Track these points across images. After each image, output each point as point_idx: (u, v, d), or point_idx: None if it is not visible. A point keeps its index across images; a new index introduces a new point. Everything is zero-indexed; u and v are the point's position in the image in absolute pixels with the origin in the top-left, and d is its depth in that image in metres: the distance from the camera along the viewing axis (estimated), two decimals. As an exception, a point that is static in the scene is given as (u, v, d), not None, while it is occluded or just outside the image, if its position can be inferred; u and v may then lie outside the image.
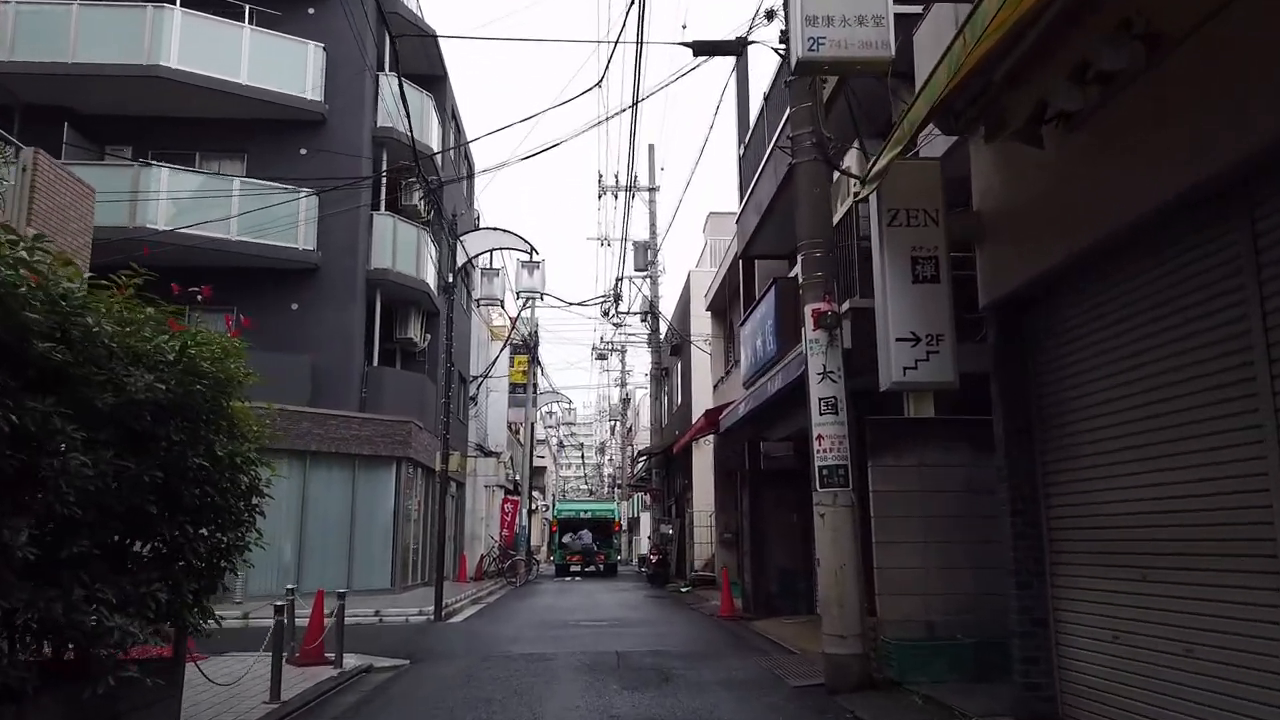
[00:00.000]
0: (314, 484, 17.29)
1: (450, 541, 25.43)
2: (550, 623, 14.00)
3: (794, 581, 14.80)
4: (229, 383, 5.65)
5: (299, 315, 18.31)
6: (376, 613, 14.86)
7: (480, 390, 28.63)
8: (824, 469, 8.09)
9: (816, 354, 8.19)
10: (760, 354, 12.99)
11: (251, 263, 17.89)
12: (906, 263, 6.59)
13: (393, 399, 19.11)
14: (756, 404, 12.06)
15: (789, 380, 10.12)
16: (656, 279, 28.38)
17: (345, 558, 17.52)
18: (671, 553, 26.02)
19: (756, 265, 15.98)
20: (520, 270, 15.29)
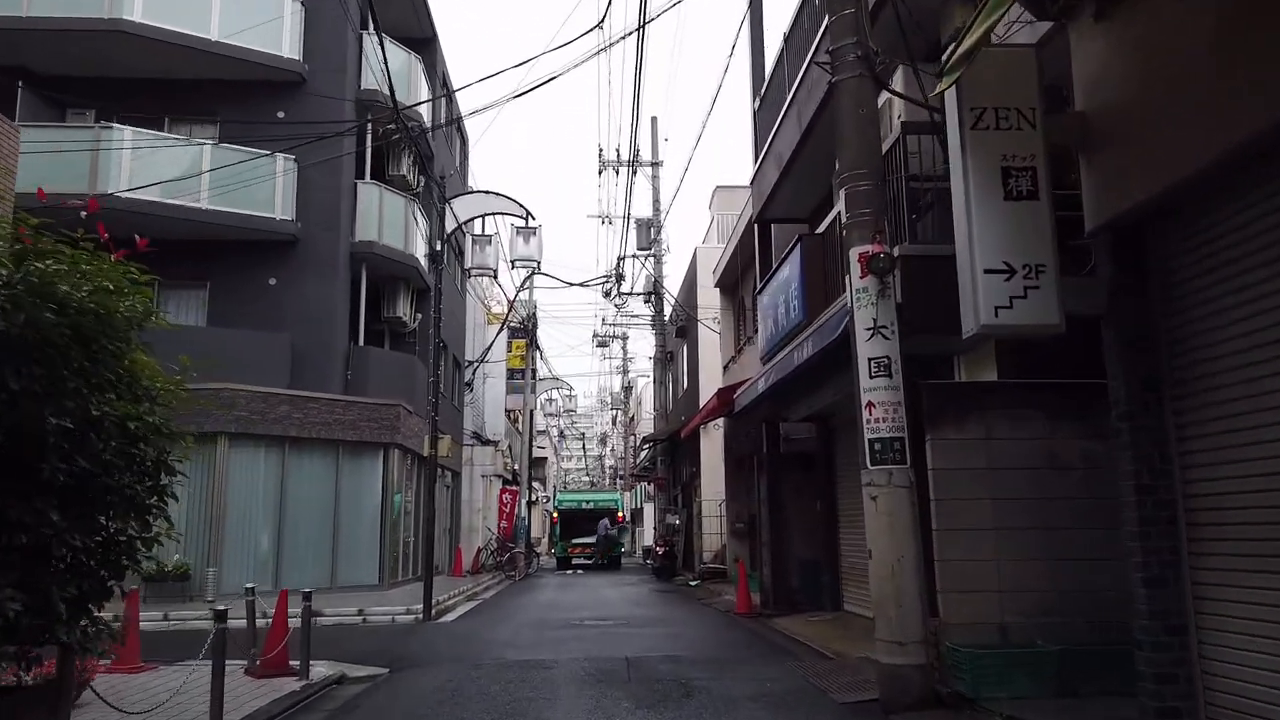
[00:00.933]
0: (294, 472, 15.96)
1: (445, 534, 24.15)
2: (551, 622, 12.69)
3: (817, 575, 13.50)
4: (118, 322, 4.27)
5: (277, 291, 16.96)
6: (360, 612, 13.56)
7: (476, 376, 27.29)
8: (875, 443, 6.75)
9: (865, 306, 6.84)
10: (783, 323, 11.64)
11: (225, 234, 16.54)
12: (996, 175, 5.23)
13: (380, 381, 17.78)
14: (779, 377, 10.74)
15: (822, 345, 8.78)
16: (661, 257, 27.02)
17: (328, 552, 16.21)
18: (678, 544, 24.72)
19: (774, 231, 14.61)
20: (515, 237, 13.93)
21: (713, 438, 23.24)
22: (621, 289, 27.63)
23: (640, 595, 18.25)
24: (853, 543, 12.75)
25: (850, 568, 12.82)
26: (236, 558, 15.06)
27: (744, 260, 17.75)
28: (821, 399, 11.71)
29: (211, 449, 14.99)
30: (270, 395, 15.61)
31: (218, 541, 14.73)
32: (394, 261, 18.51)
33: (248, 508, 15.32)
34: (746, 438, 18.54)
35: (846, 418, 12.80)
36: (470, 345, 27.61)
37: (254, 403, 15.38)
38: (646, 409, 53.76)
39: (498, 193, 14.29)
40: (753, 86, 14.57)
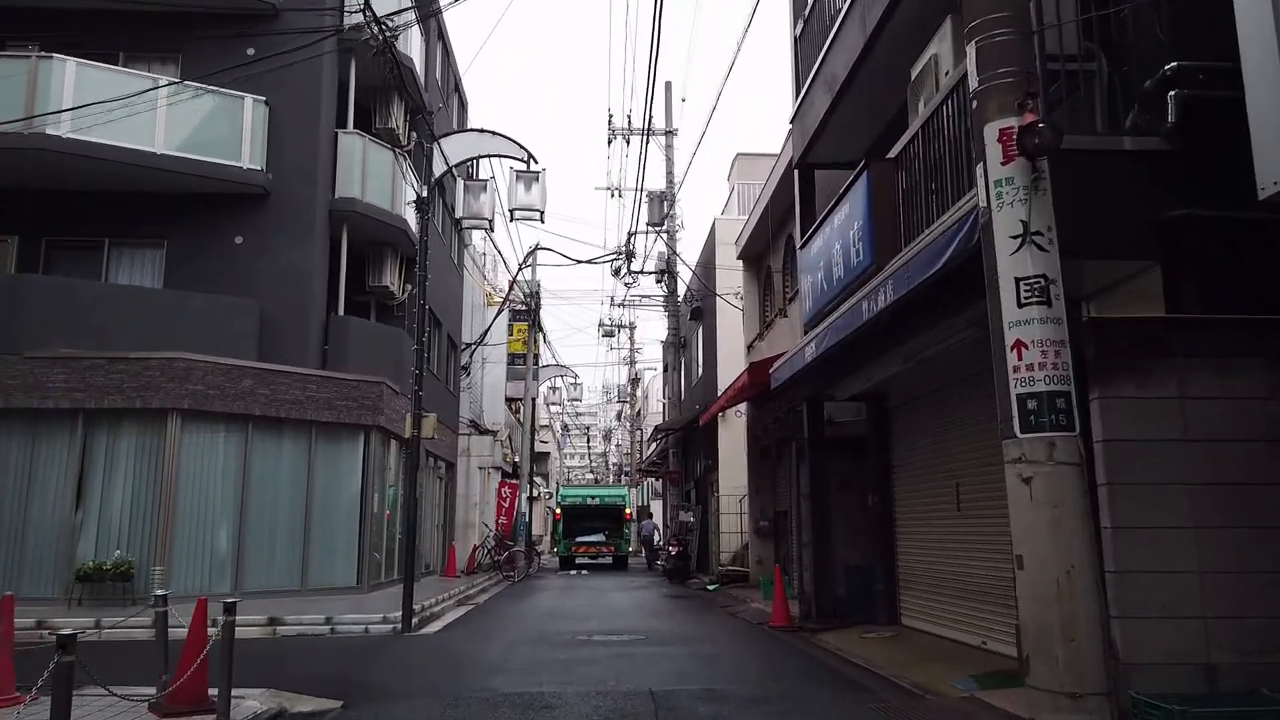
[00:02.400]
0: (259, 456, 13.87)
1: (438, 530, 22.09)
2: (553, 636, 10.60)
3: (868, 582, 11.41)
4: None
5: (244, 251, 14.88)
6: (328, 620, 11.48)
7: (475, 360, 25.23)
8: (1028, 400, 4.65)
9: (1010, 204, 4.75)
10: (838, 275, 9.54)
11: (185, 185, 14.46)
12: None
13: (362, 356, 15.69)
14: (835, 340, 8.63)
15: (915, 283, 6.66)
16: (675, 233, 24.95)
17: (299, 549, 14.12)
18: (692, 544, 22.63)
19: (817, 179, 12.50)
20: (515, 184, 11.85)
21: (732, 427, 21.16)
22: (631, 267, 25.51)
23: (654, 601, 16.16)
24: (914, 544, 10.67)
25: (910, 573, 10.73)
26: (189, 556, 12.98)
27: (776, 222, 15.65)
28: (884, 368, 9.61)
29: (159, 428, 12.92)
30: (232, 368, 13.53)
31: (166, 536, 12.65)
32: (379, 223, 16.42)
33: (203, 497, 13.23)
34: (775, 424, 16.47)
35: (906, 396, 10.73)
36: (468, 327, 25.58)
37: (212, 375, 13.30)
38: (654, 403, 51.71)
39: (494, 131, 12.21)
40: (793, 8, 12.46)
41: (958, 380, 9.10)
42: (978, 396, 8.71)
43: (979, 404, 8.69)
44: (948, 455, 9.60)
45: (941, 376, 9.31)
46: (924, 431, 10.28)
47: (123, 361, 12.86)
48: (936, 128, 7.68)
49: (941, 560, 9.76)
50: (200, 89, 14.47)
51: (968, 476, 9.10)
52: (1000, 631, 8.37)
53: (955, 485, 9.33)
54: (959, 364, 8.75)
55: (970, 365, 8.61)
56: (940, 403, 9.71)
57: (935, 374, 9.33)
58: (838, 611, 11.51)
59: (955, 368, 8.87)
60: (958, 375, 8.99)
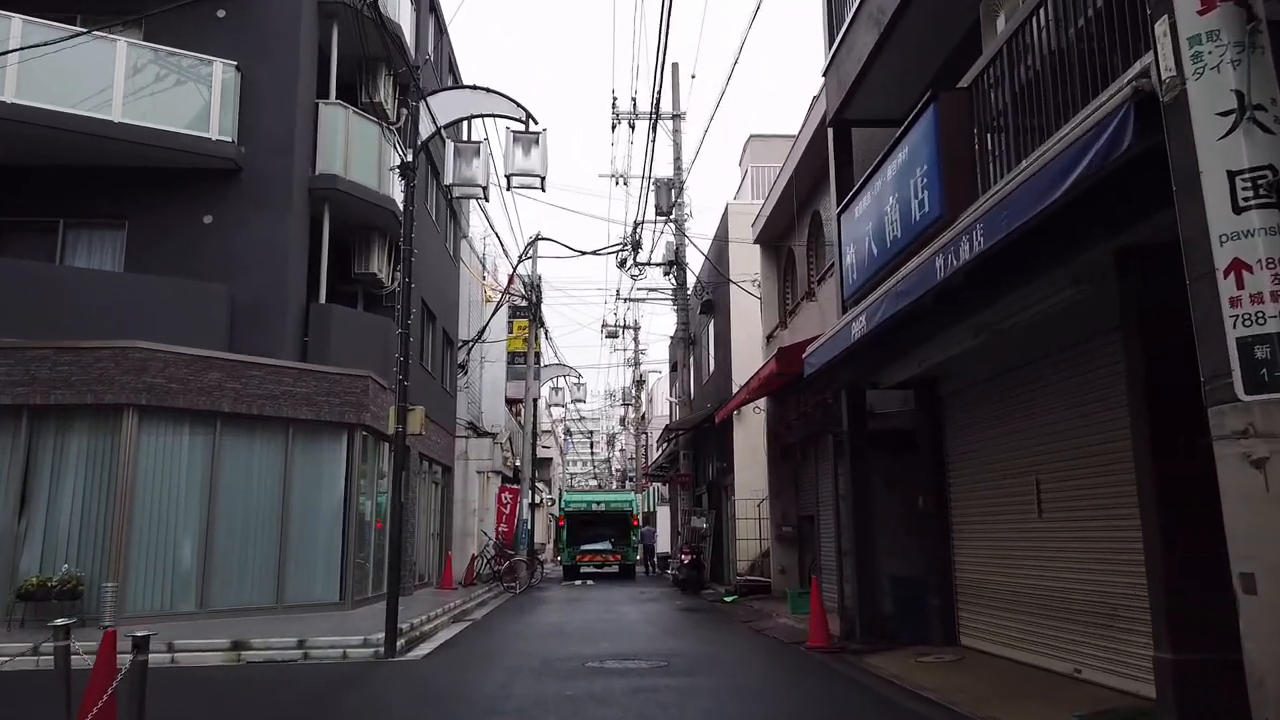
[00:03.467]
0: (228, 457, 12.42)
1: (434, 538, 20.64)
2: (559, 662, 9.13)
3: (918, 595, 9.94)
4: None
5: (214, 231, 13.47)
6: (301, 643, 10.00)
7: (471, 356, 23.80)
8: (1257, 345, 3.20)
9: (1212, 69, 3.32)
10: (895, 236, 8.10)
11: (148, 158, 13.07)
12: None
13: (347, 347, 14.26)
14: (895, 309, 7.16)
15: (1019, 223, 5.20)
16: (683, 222, 23.52)
17: (274, 562, 12.65)
18: (706, 552, 21.15)
19: (855, 144, 11.07)
20: (513, 147, 10.44)
21: (749, 426, 19.70)
22: (638, 258, 24.09)
23: (669, 616, 14.68)
24: (977, 552, 9.20)
25: (972, 586, 9.27)
26: (147, 570, 11.52)
27: (801, 197, 14.21)
28: (946, 346, 8.16)
29: (114, 426, 11.47)
30: (196, 359, 12.08)
31: (120, 548, 11.18)
32: (365, 203, 15.00)
33: (164, 504, 11.78)
34: (799, 420, 15.01)
35: (966, 380, 9.27)
36: (465, 324, 24.15)
37: (174, 367, 11.86)
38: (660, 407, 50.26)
39: (488, 88, 10.78)
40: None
41: (1041, 357, 7.66)
42: (1073, 375, 7.27)
43: (1074, 384, 7.25)
44: (1024, 448, 8.14)
45: (1019, 353, 7.86)
46: (989, 421, 8.83)
47: (71, 352, 11.42)
48: (1027, 42, 6.25)
49: (1015, 571, 8.30)
50: (164, 52, 13.07)
51: (1052, 473, 7.65)
52: (1099, 658, 6.92)
53: (1035, 483, 7.87)
54: (1048, 335, 7.31)
55: (1065, 336, 7.17)
56: (1014, 386, 8.25)
57: (1011, 350, 7.89)
58: (884, 630, 10.04)
59: (1042, 340, 7.43)
60: (1043, 350, 7.55)
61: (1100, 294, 6.17)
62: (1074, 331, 6.97)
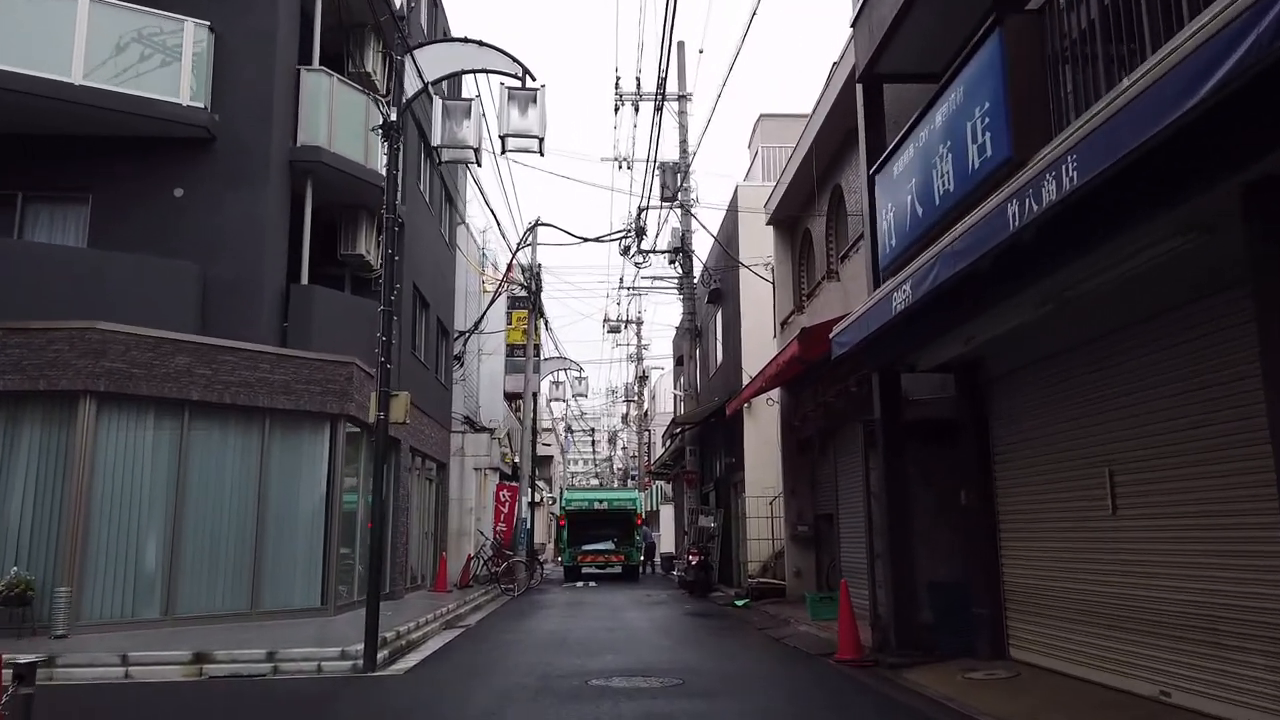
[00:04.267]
0: (198, 450, 11.38)
1: (428, 538, 19.61)
2: (559, 679, 8.09)
3: (960, 603, 8.90)
4: None
5: (185, 206, 12.43)
6: (271, 656, 8.96)
7: (468, 349, 22.75)
8: None
9: None
10: (947, 189, 7.05)
11: (114, 125, 12.05)
12: None
13: (330, 332, 13.21)
14: (951, 271, 6.09)
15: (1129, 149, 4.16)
16: (689, 208, 22.48)
17: (248, 563, 11.61)
18: (714, 552, 20.10)
19: (887, 105, 10.01)
20: (508, 106, 9.39)
21: (760, 419, 18.66)
22: (642, 245, 23.04)
23: (678, 622, 13.63)
24: (1031, 555, 8.15)
25: (1025, 593, 8.22)
26: (106, 574, 10.48)
27: (821, 168, 13.14)
28: (1002, 318, 7.10)
29: (69, 415, 10.42)
30: (162, 341, 11.04)
31: (76, 549, 10.14)
32: (351, 179, 13.94)
33: (126, 501, 10.73)
34: (818, 411, 13.97)
35: (1018, 361, 8.21)
36: (463, 316, 23.13)
37: (136, 351, 10.82)
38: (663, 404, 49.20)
39: (481, 41, 9.72)
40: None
41: (1117, 329, 6.60)
42: (1158, 348, 6.22)
43: (1160, 359, 6.20)
44: (1091, 436, 7.08)
45: (1090, 325, 6.82)
46: (1046, 406, 7.77)
47: (21, 333, 10.37)
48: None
49: (1080, 577, 7.24)
50: (131, 9, 12.02)
51: (1129, 464, 6.60)
52: (1194, 679, 5.87)
53: (1108, 476, 6.81)
54: (1130, 301, 6.26)
55: (1154, 300, 6.11)
56: (1079, 364, 7.20)
57: (1080, 322, 6.85)
58: (922, 641, 8.99)
59: (1121, 308, 6.38)
60: (1120, 319, 6.50)
61: (1212, 245, 5.13)
62: (1169, 294, 5.91)
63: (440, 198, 20.35)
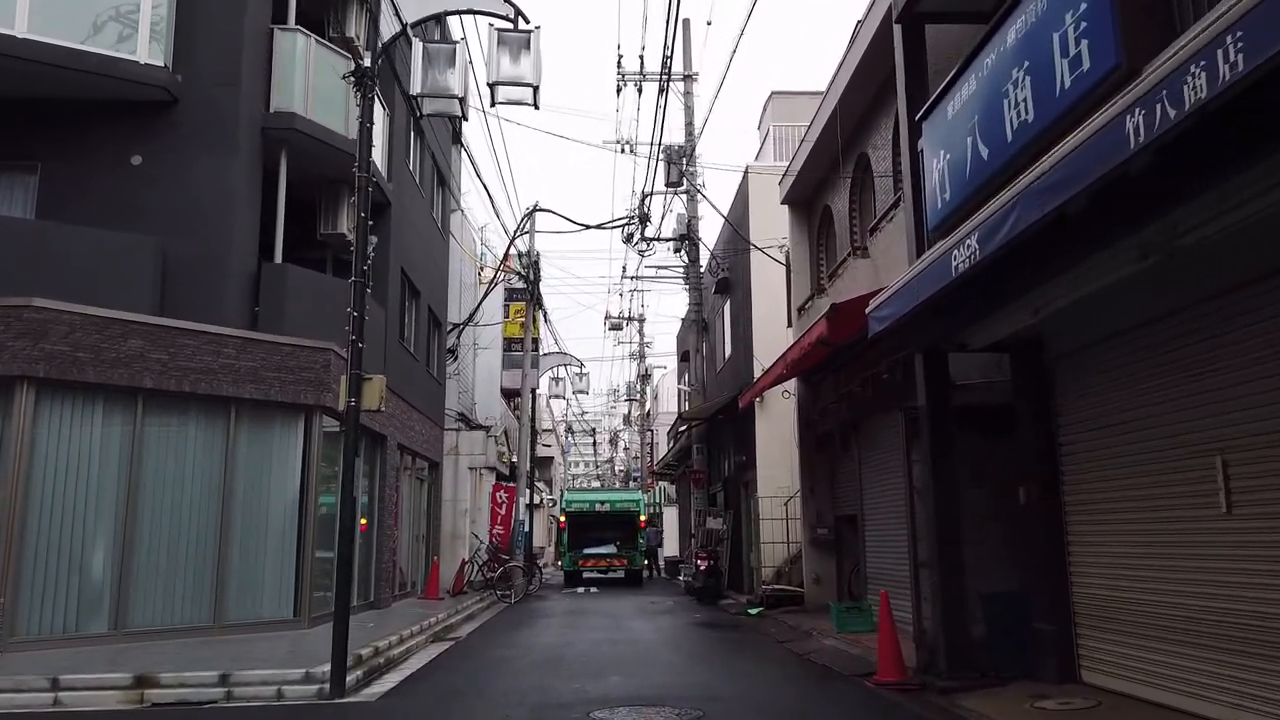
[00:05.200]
0: (153, 444, 10.19)
1: (419, 541, 18.43)
2: (555, 711, 6.89)
3: (1019, 617, 7.72)
4: None
5: (144, 176, 11.26)
6: (224, 678, 7.77)
7: (461, 342, 21.56)
8: None
9: None
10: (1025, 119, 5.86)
11: (62, 85, 10.87)
12: None
13: (306, 316, 12.02)
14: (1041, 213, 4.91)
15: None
16: (695, 194, 21.31)
17: (210, 571, 10.41)
18: (723, 556, 18.90)
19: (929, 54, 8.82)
20: (498, 51, 8.22)
21: (773, 414, 17.46)
22: (646, 233, 21.87)
23: (688, 635, 12.44)
24: (1104, 559, 6.99)
25: (1096, 605, 7.05)
26: (46, 583, 9.27)
27: (847, 133, 11.94)
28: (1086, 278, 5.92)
29: (2, 403, 9.23)
30: (111, 322, 9.85)
31: (11, 555, 8.95)
32: (331, 150, 12.74)
33: (69, 500, 9.54)
34: (840, 404, 12.79)
35: (1094, 334, 7.02)
36: (457, 307, 21.95)
37: (82, 332, 9.63)
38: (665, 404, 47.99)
39: (469, -23, 8.54)
40: None
41: (1229, 290, 5.42)
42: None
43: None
44: (1192, 420, 5.90)
45: (1200, 283, 5.63)
46: (1130, 386, 6.59)
47: (-52, 310, 9.19)
48: None
49: (1177, 588, 6.05)
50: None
51: (1249, 453, 5.41)
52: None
53: (1220, 468, 5.62)
54: (1258, 251, 5.08)
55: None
56: (1175, 336, 6.01)
57: (1188, 280, 5.67)
58: (975, 660, 7.78)
59: (1243, 260, 5.20)
60: (1240, 276, 5.31)
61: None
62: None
63: (432, 180, 19.19)
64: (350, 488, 7.77)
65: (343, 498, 7.80)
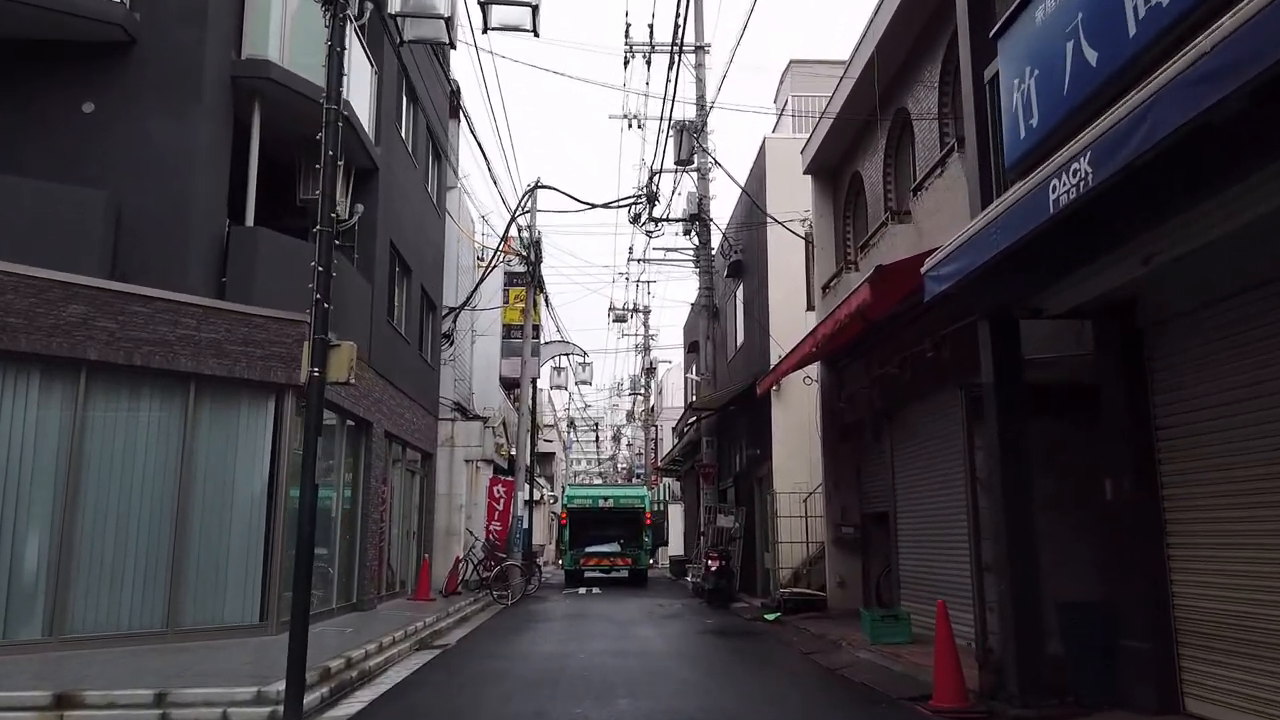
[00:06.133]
0: (98, 424, 8.98)
1: (410, 538, 17.23)
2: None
3: (1105, 632, 6.50)
4: None
5: (97, 124, 10.04)
6: (160, 698, 6.56)
7: (457, 327, 20.34)
8: None
9: None
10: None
11: (6, 23, 9.64)
12: None
13: (280, 286, 10.75)
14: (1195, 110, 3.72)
15: None
16: (706, 171, 20.07)
17: (163, 569, 9.20)
18: (735, 556, 17.66)
19: None
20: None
21: (791, 404, 16.25)
22: (654, 213, 20.63)
23: (702, 644, 11.20)
24: (1217, 565, 5.74)
25: (1203, 619, 5.81)
26: (-34, 581, 8.07)
27: (884, 85, 10.67)
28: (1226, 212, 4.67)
29: (-84, 374, 8.03)
30: (50, 285, 8.63)
31: (-78, 550, 7.74)
32: (312, 106, 11.32)
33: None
34: (872, 387, 11.57)
35: (1208, 295, 5.80)
36: (454, 292, 20.73)
37: (14, 294, 8.42)
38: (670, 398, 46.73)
39: (459, -118, 7.31)
40: None
41: None
42: None
43: None
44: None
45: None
46: (1251, 356, 5.35)
47: None
48: None
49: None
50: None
51: None
52: None
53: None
54: None
55: None
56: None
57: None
58: (1051, 683, 6.55)
59: None
60: None
61: None
62: None
63: (427, 152, 17.95)
64: (310, 471, 6.54)
65: (302, 483, 6.58)
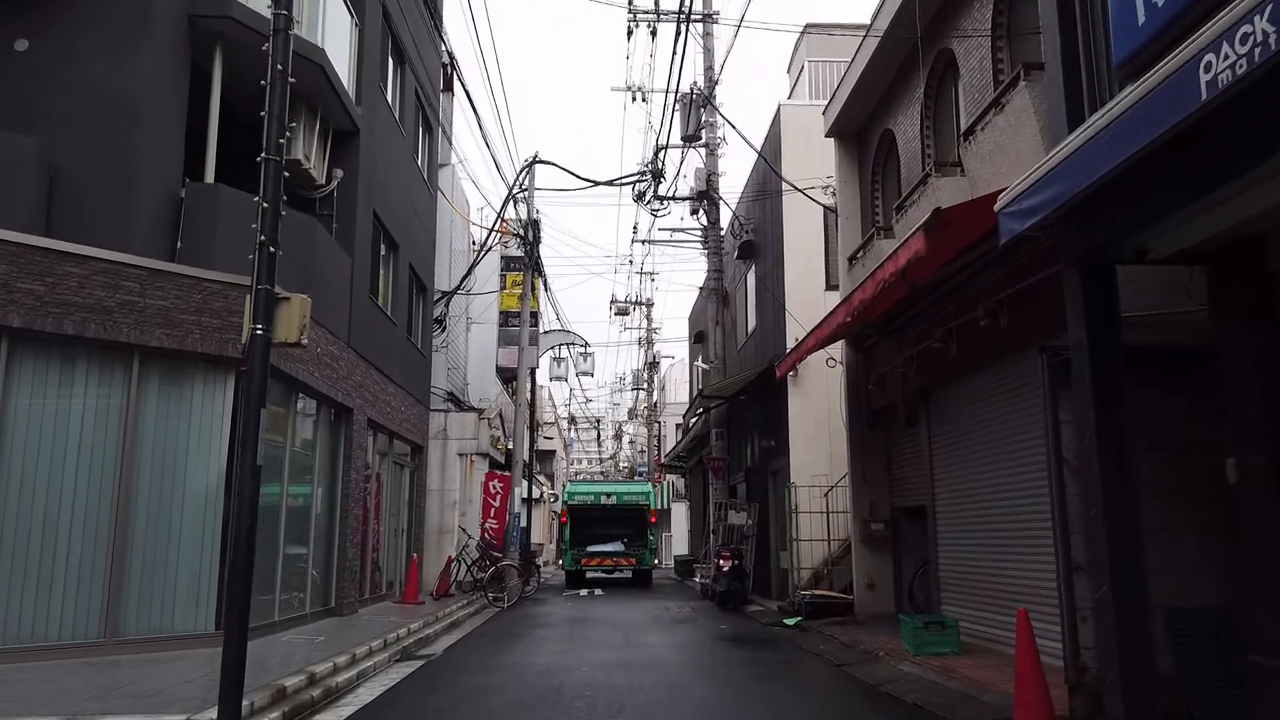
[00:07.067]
0: (22, 402, 7.76)
1: (399, 536, 16.03)
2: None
3: (1224, 642, 5.28)
4: None
5: (30, 64, 8.83)
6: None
7: (450, 309, 19.12)
8: None
9: None
10: None
11: (-78, -55, 8.43)
12: None
13: (242, 251, 9.49)
14: None
15: None
16: (715, 147, 18.89)
17: (101, 571, 7.97)
18: (748, 555, 16.43)
19: None
20: None
21: (809, 390, 15.05)
22: (659, 191, 19.42)
23: (719, 654, 9.97)
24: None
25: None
26: None
27: (924, 25, 9.44)
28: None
29: None
30: (-38, 238, 7.41)
31: None
32: (281, 52, 10.27)
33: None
34: (907, 366, 10.35)
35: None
36: (447, 276, 19.54)
37: (-82, 249, 7.19)
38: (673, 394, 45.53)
39: None
40: None
41: None
42: None
43: None
44: None
45: None
46: None
47: None
48: None
49: None
50: None
51: None
52: None
53: None
54: None
55: None
56: None
57: None
58: (1161, 706, 5.31)
59: None
60: None
61: None
62: None
63: (416, 121, 16.75)
64: (251, 451, 5.32)
65: (242, 463, 5.37)
